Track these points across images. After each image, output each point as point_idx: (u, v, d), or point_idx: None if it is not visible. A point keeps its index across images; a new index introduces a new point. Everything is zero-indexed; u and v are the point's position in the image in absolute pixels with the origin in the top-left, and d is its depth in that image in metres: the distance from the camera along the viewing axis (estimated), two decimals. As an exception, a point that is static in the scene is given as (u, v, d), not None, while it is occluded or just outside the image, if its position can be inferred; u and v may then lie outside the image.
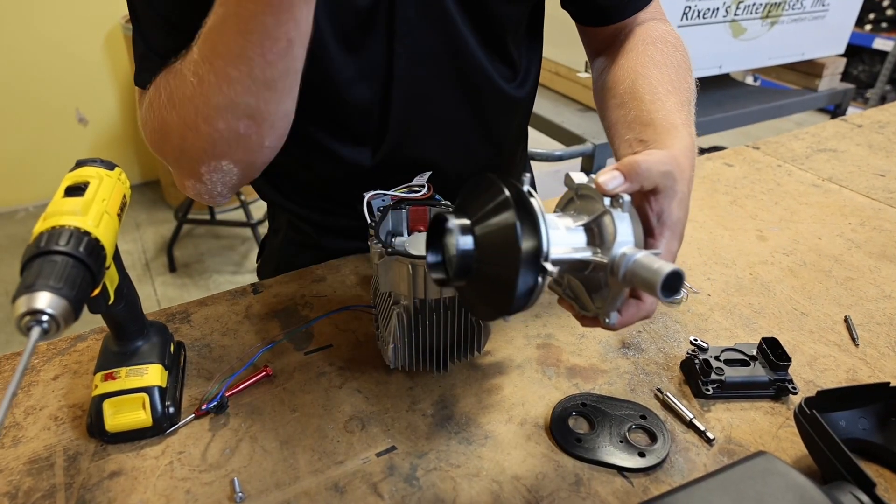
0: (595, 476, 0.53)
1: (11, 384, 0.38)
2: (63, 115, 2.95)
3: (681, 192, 0.49)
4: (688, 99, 0.62)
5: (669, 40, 0.69)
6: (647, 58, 0.65)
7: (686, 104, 0.60)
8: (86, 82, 2.93)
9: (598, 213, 0.44)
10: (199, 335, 0.69)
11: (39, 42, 2.77)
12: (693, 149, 0.54)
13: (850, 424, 0.53)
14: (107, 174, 0.55)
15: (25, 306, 0.41)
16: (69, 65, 2.86)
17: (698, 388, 0.60)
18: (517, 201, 0.39)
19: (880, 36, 3.43)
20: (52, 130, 2.96)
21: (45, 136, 2.95)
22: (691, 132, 0.57)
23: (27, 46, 2.76)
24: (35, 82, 2.83)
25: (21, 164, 2.96)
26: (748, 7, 1.45)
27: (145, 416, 0.56)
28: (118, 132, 3.12)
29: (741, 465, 0.46)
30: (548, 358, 0.65)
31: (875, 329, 0.69)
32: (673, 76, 0.63)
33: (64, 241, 0.45)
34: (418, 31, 0.66)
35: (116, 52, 2.95)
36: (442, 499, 0.51)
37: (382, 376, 0.63)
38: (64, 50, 2.83)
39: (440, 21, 0.67)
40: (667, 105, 0.58)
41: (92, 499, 0.52)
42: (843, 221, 0.90)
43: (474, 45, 0.69)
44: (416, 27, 0.66)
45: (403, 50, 0.67)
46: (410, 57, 0.68)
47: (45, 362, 0.66)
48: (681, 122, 0.56)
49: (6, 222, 2.93)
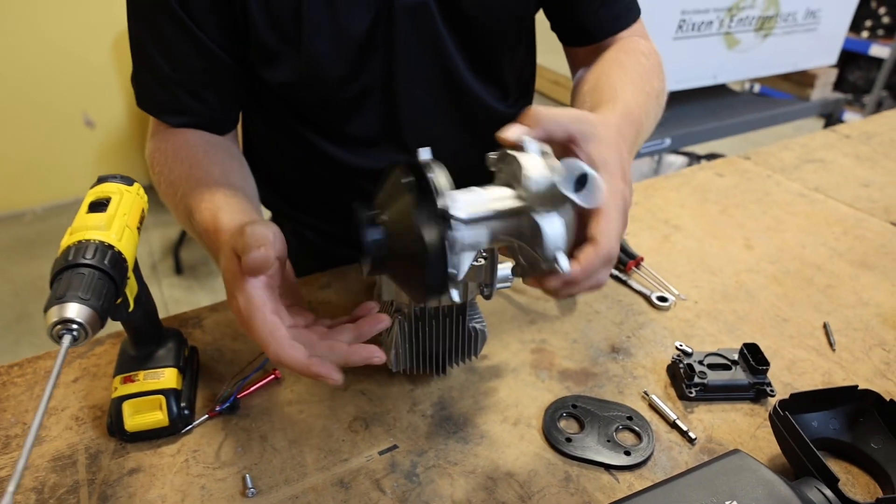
0: (583, 473, 0.56)
1: (46, 390, 0.42)
2: (70, 118, 3.00)
3: (604, 136, 0.49)
4: (645, 91, 0.65)
5: (642, 50, 0.73)
6: (614, 62, 0.69)
7: (641, 92, 0.63)
8: (93, 86, 2.98)
9: (509, 164, 0.45)
10: (211, 339, 0.73)
11: (48, 47, 2.81)
12: (630, 114, 0.57)
13: (822, 425, 0.57)
14: (126, 190, 0.59)
15: (57, 316, 0.45)
16: (77, 69, 2.91)
17: (682, 390, 0.64)
18: (415, 174, 0.42)
19: (877, 43, 3.46)
20: (59, 134, 3.00)
21: (52, 139, 3.00)
22: (632, 104, 0.59)
23: (36, 51, 2.80)
24: (43, 86, 2.88)
25: (29, 167, 3.00)
26: (742, 20, 1.49)
27: (162, 417, 0.60)
28: (125, 135, 3.16)
29: (717, 462, 0.49)
30: (541, 362, 0.69)
31: (852, 335, 0.73)
32: (635, 76, 0.66)
33: (90, 254, 0.49)
34: (415, 54, 0.70)
35: (124, 57, 3.00)
36: (440, 494, 0.55)
37: (384, 379, 0.66)
38: (72, 54, 2.87)
39: (434, 45, 0.71)
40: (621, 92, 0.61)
41: (113, 494, 0.55)
42: (828, 231, 0.94)
43: (465, 68, 0.73)
44: (413, 50, 0.70)
45: (402, 72, 0.71)
46: (409, 79, 0.72)
47: (65, 365, 0.70)
48: (622, 98, 0.59)
49: (15, 224, 2.97)
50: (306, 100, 0.74)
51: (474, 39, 0.72)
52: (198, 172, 0.67)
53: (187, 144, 0.71)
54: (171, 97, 0.71)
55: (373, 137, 0.78)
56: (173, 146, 0.71)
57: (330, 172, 0.82)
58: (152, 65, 0.69)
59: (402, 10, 0.67)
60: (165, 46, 0.68)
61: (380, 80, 0.71)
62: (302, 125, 0.79)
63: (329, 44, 0.67)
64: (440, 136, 0.78)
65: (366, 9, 0.66)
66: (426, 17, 0.68)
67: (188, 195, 0.64)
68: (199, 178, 0.66)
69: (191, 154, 0.70)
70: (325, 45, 0.67)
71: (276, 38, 0.67)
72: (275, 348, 0.47)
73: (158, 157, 0.71)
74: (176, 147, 0.71)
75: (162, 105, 0.72)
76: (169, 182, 0.69)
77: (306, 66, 0.68)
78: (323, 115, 0.77)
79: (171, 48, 0.67)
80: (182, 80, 0.70)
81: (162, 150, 0.71)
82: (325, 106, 0.75)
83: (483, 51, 0.74)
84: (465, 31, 0.71)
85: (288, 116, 0.79)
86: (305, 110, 0.77)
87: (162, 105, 0.72)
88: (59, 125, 2.98)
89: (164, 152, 0.71)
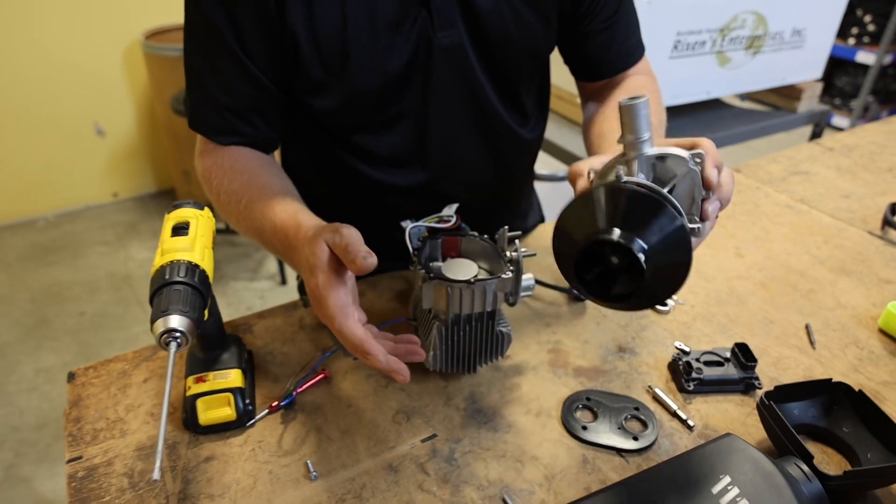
0: (598, 456, 0.66)
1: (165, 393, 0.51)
2: (82, 128, 3.07)
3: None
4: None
5: (647, 88, 0.85)
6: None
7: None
8: (104, 96, 3.05)
9: (681, 173, 0.57)
10: (262, 344, 0.82)
11: (60, 61, 2.89)
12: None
13: (802, 412, 0.66)
14: (200, 214, 0.67)
15: (163, 327, 0.54)
16: (88, 81, 2.99)
17: (681, 384, 0.73)
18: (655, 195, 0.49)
19: (863, 49, 3.57)
20: (71, 143, 3.07)
21: (64, 148, 3.07)
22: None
23: (49, 65, 2.88)
24: (55, 98, 2.95)
25: (41, 175, 3.08)
26: (733, 39, 1.59)
27: (231, 412, 0.68)
28: (134, 144, 3.23)
29: (712, 444, 0.59)
30: (557, 360, 0.78)
31: (830, 334, 0.82)
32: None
33: (182, 273, 0.58)
34: (449, 85, 0.79)
35: (134, 68, 3.07)
36: (476, 475, 0.64)
37: (421, 377, 0.75)
38: (83, 68, 2.95)
39: (466, 77, 0.80)
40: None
41: (193, 478, 0.64)
42: (811, 240, 1.03)
43: (494, 98, 0.83)
44: (448, 84, 0.79)
45: (435, 100, 0.80)
46: (441, 106, 0.81)
47: (133, 367, 0.78)
48: None
49: (28, 231, 3.05)
50: (344, 123, 0.83)
51: (500, 72, 0.82)
52: (260, 181, 0.75)
53: (243, 158, 0.79)
54: (222, 120, 0.78)
55: (400, 157, 0.87)
56: (230, 160, 0.78)
57: (359, 188, 0.90)
58: (207, 91, 0.77)
59: (440, 49, 0.76)
60: (220, 76, 0.75)
61: (414, 106, 0.80)
62: (335, 144, 0.87)
63: (371, 76, 0.76)
64: (465, 157, 0.87)
65: (406, 47, 0.75)
66: (461, 54, 0.77)
67: (256, 201, 0.72)
68: (263, 187, 0.73)
69: (248, 167, 0.77)
70: (367, 78, 0.76)
71: (323, 72, 0.76)
72: (340, 321, 0.55)
73: (216, 171, 0.78)
74: (232, 161, 0.78)
75: (214, 127, 0.79)
76: (230, 192, 0.75)
77: (348, 95, 0.77)
78: (357, 136, 0.85)
79: (226, 78, 0.75)
80: (233, 106, 0.77)
81: (219, 165, 0.78)
82: (361, 129, 0.84)
83: (508, 82, 0.84)
84: (493, 66, 0.80)
85: (323, 137, 0.87)
86: (342, 132, 0.86)
87: (214, 127, 0.79)
88: (70, 135, 3.06)
89: (220, 166, 0.78)
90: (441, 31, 0.75)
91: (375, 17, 0.72)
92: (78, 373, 0.77)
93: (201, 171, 0.81)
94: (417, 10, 0.74)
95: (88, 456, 0.66)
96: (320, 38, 0.73)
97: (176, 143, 2.92)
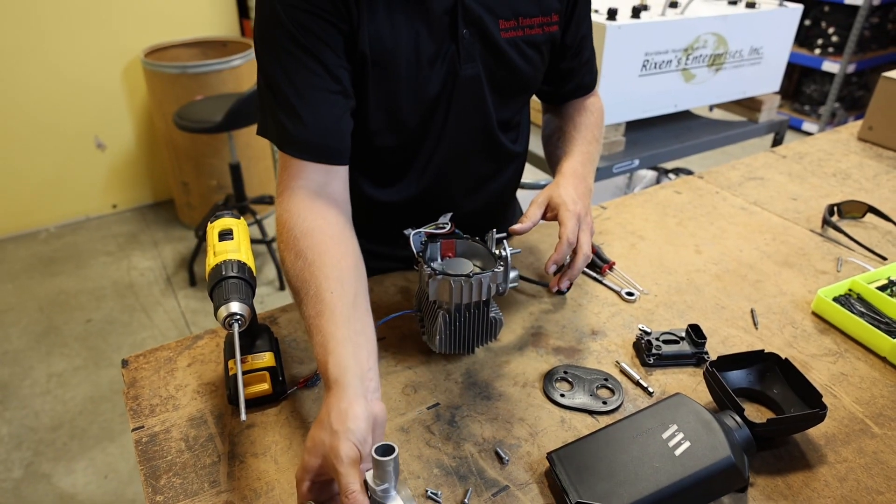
0: (574, 416, 0.80)
1: (237, 360, 0.64)
2: (83, 141, 3.18)
3: (562, 185, 0.93)
4: (594, 137, 1.07)
5: (591, 109, 1.09)
6: (570, 121, 1.07)
7: (584, 154, 1.02)
8: (104, 111, 3.17)
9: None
10: (286, 333, 0.95)
11: (62, 76, 3.00)
12: (577, 174, 0.97)
13: (740, 378, 0.81)
14: (238, 222, 0.81)
15: (226, 311, 0.67)
16: (89, 96, 3.10)
17: (644, 359, 0.87)
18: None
19: (828, 59, 3.77)
20: (72, 156, 3.18)
21: (66, 161, 3.18)
22: (582, 172, 0.98)
23: (51, 80, 2.99)
24: (57, 112, 3.06)
25: (43, 188, 3.18)
26: (696, 58, 1.75)
27: (267, 387, 0.81)
28: (133, 157, 3.35)
29: (664, 402, 0.73)
30: (539, 342, 0.92)
31: (771, 317, 0.97)
32: (585, 131, 1.06)
33: (234, 269, 0.71)
34: (466, 112, 0.94)
35: (133, 84, 3.19)
36: (473, 433, 0.77)
37: (424, 357, 0.89)
38: (84, 82, 3.06)
39: (479, 102, 0.95)
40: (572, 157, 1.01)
41: (239, 441, 0.77)
42: (760, 237, 1.18)
43: (494, 119, 0.98)
44: (466, 109, 0.94)
45: (455, 123, 0.95)
46: (458, 128, 0.96)
47: (177, 354, 0.91)
48: (571, 170, 0.98)
49: (31, 242, 3.14)
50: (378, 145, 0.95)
51: (504, 98, 0.98)
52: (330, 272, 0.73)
53: (324, 232, 0.78)
54: (320, 140, 0.81)
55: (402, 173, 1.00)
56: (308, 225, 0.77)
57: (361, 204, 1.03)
58: (288, 107, 0.80)
59: (464, 79, 0.91)
60: (300, 90, 0.80)
61: (437, 128, 0.95)
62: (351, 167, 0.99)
63: (411, 105, 0.90)
64: (468, 168, 1.02)
65: (439, 78, 0.90)
66: (477, 83, 0.93)
67: (321, 313, 0.70)
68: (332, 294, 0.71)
69: (323, 249, 0.76)
70: (408, 105, 0.90)
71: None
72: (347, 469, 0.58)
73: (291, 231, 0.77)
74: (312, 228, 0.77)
75: (307, 146, 0.81)
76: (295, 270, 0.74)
77: (394, 120, 0.91)
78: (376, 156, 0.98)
79: (306, 91, 0.80)
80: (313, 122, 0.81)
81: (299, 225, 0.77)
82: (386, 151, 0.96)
83: (507, 106, 1.00)
84: (499, 93, 0.96)
85: None
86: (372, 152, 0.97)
87: (307, 146, 0.81)
88: (71, 148, 3.17)
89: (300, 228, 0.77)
90: (465, 63, 0.90)
91: (419, 50, 0.86)
92: (130, 360, 0.90)
93: (280, 212, 0.81)
94: (448, 46, 0.88)
95: (149, 426, 0.79)
96: (381, 64, 0.85)
97: (175, 156, 3.03)
